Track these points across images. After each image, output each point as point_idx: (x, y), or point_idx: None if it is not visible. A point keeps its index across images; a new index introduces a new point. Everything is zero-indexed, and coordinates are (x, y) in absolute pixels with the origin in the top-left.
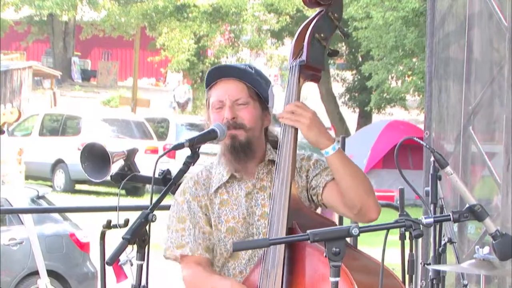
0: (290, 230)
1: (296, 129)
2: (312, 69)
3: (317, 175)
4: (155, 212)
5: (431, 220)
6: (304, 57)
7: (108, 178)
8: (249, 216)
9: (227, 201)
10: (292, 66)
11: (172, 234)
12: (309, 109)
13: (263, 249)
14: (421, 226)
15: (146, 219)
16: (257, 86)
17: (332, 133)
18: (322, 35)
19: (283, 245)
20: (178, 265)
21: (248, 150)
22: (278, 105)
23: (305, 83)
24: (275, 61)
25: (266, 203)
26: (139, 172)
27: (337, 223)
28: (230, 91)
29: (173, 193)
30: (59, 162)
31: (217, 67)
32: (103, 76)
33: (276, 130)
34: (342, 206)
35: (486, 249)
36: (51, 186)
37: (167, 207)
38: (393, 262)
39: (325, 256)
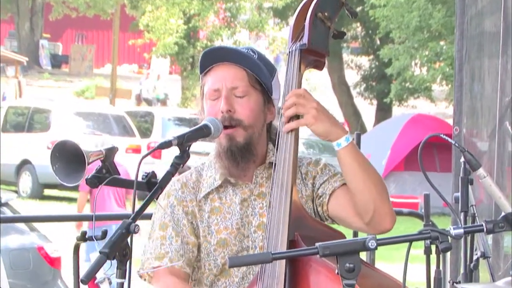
0: (291, 243)
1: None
2: (314, 53)
3: (324, 182)
4: (138, 222)
5: (461, 231)
6: (305, 40)
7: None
8: (243, 227)
9: (219, 208)
10: (292, 51)
11: (152, 243)
12: (312, 97)
13: (260, 265)
14: (449, 238)
15: (127, 230)
16: (259, 74)
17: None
18: (326, 14)
19: (283, 261)
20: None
21: (247, 153)
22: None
23: (306, 70)
24: (278, 44)
25: (264, 212)
26: (119, 174)
27: (351, 235)
28: (227, 78)
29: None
30: (25, 163)
31: (212, 49)
32: (76, 62)
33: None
34: (352, 214)
35: None
36: (16, 192)
37: (151, 216)
38: (417, 280)
39: (337, 273)
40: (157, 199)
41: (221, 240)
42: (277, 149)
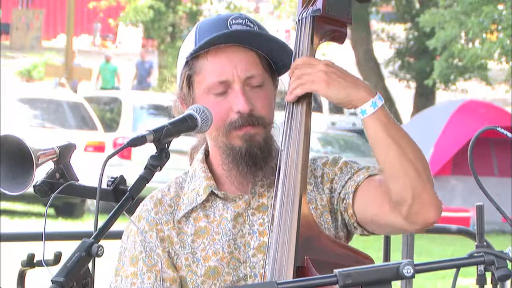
0: (299, 270)
1: (307, 114)
2: (332, 22)
3: (346, 183)
4: (102, 242)
5: None
6: (319, 4)
7: (30, 189)
8: (238, 250)
9: (205, 229)
10: (302, 19)
11: (121, 282)
12: (318, 61)
13: None
14: (509, 262)
15: (88, 253)
16: (270, 54)
17: None
18: None
19: None
20: None
21: (268, 155)
22: (285, 77)
23: (322, 43)
24: (286, 9)
25: (266, 229)
26: (78, 180)
27: (381, 259)
28: (239, 65)
29: (130, 212)
30: None
31: (223, 33)
32: (20, 33)
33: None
34: (386, 209)
35: None
36: None
37: (119, 234)
38: None
39: None
40: (128, 212)
41: (210, 269)
42: (282, 148)
